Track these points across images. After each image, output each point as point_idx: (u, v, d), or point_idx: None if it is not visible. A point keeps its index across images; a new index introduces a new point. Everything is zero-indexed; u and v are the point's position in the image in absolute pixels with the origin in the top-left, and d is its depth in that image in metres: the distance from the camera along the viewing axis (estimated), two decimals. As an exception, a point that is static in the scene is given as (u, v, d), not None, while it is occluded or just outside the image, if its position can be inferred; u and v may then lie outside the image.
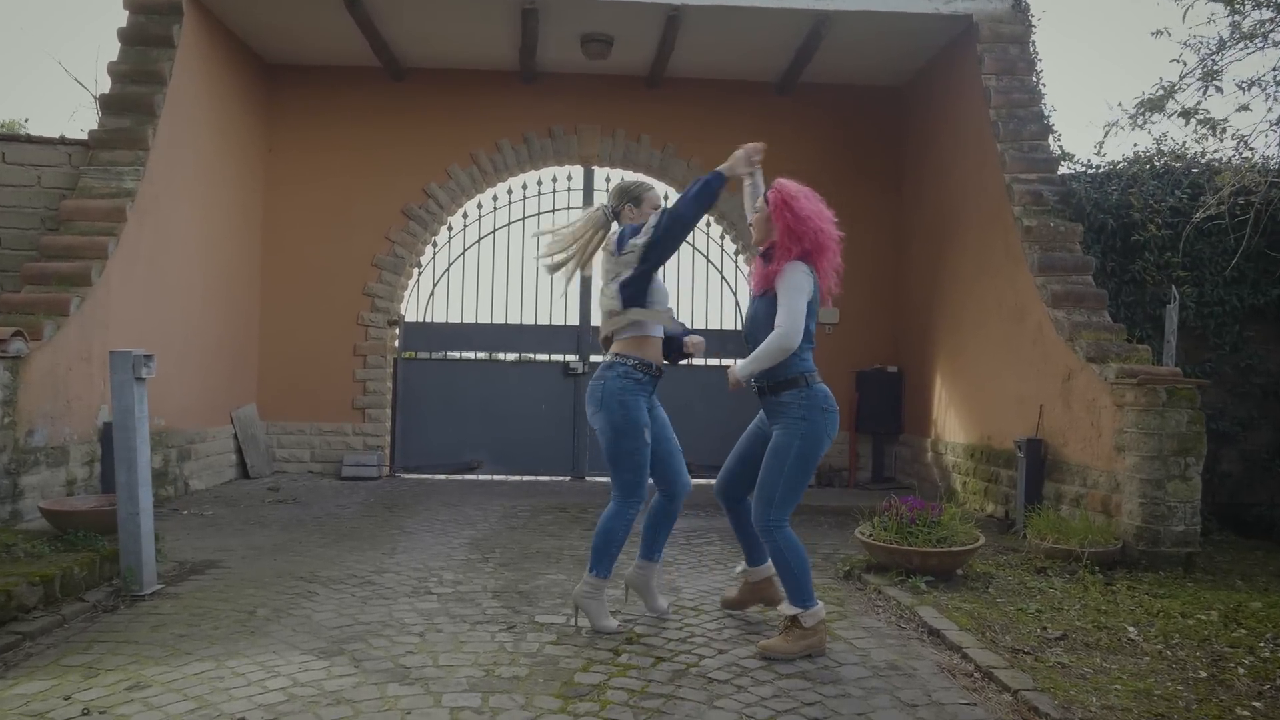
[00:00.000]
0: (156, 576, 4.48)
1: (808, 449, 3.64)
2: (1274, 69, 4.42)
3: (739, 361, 3.71)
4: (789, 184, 3.77)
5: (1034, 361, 6.83)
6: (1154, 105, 4.92)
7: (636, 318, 3.88)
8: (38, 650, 3.52)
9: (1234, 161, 5.10)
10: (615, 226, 4.03)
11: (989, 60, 7.70)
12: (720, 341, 9.17)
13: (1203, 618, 4.38)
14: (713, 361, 9.65)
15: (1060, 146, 7.44)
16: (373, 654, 3.53)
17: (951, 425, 8.32)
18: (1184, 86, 4.67)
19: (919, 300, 9.22)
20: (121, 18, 7.43)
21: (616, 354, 3.90)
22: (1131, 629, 4.15)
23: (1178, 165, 7.20)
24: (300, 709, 2.95)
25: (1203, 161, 7.25)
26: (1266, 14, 4.13)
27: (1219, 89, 4.63)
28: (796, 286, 3.65)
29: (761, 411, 3.90)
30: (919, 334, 9.18)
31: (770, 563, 3.91)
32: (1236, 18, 4.08)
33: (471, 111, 9.60)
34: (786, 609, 3.67)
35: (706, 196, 3.80)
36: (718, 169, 3.85)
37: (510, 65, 9.39)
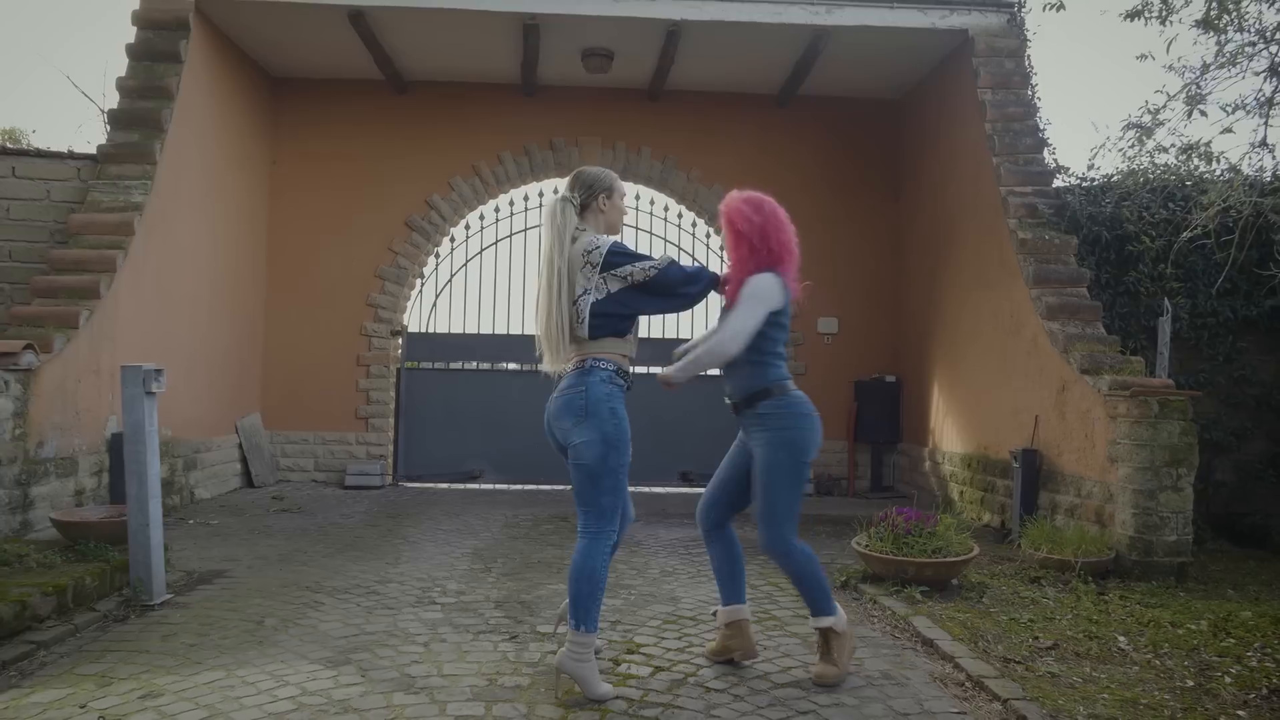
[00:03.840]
0: (165, 586, 4.57)
1: (796, 459, 3.47)
2: (1256, 91, 4.49)
3: (672, 368, 3.56)
4: (743, 195, 3.64)
5: (1029, 373, 6.91)
6: (1142, 129, 5.02)
7: (613, 350, 3.44)
8: (51, 659, 3.61)
9: (1222, 178, 5.20)
10: (576, 220, 3.46)
11: (984, 74, 7.80)
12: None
13: (1192, 627, 4.46)
14: (714, 371, 9.73)
15: (1055, 160, 7.54)
16: (378, 663, 3.62)
17: (949, 435, 8.40)
18: (1169, 111, 4.80)
19: (917, 310, 9.31)
20: (130, 33, 7.56)
21: (594, 356, 3.41)
22: (1122, 638, 4.23)
23: (1171, 179, 7.29)
24: (309, 717, 3.04)
25: (1196, 174, 7.35)
26: (1247, 38, 4.25)
27: (1204, 113, 4.73)
28: (758, 295, 3.48)
29: (741, 432, 3.71)
30: (917, 344, 9.27)
31: (745, 604, 3.73)
32: (1221, 39, 4.18)
33: (473, 124, 9.71)
34: (816, 622, 3.56)
35: (700, 291, 3.50)
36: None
37: (512, 78, 9.51)
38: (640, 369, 9.69)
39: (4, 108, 26.90)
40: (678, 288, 3.43)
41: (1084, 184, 7.43)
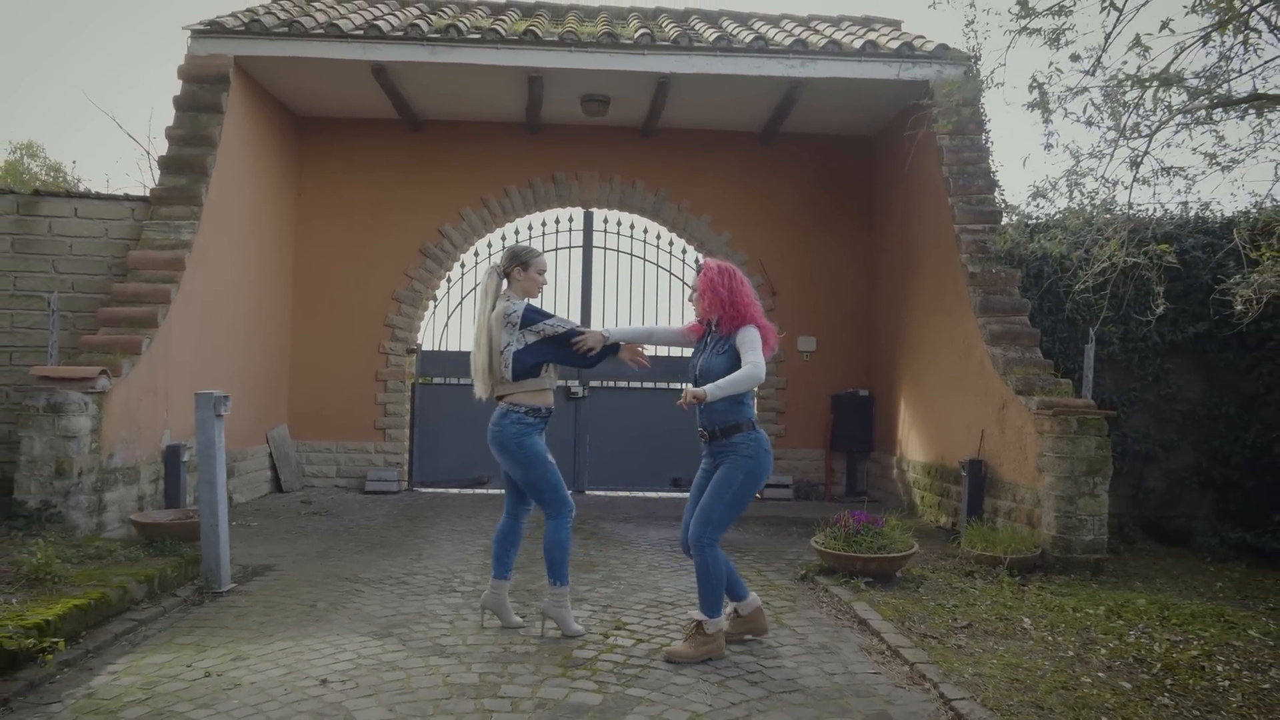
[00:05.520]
0: (230, 577, 5.44)
1: (750, 483, 4.22)
2: (1134, 175, 5.44)
3: (707, 386, 4.08)
4: (722, 265, 4.40)
5: (977, 391, 7.79)
6: (1043, 195, 5.94)
7: (531, 388, 4.42)
8: (151, 634, 4.49)
9: (1104, 236, 6.13)
10: (504, 284, 4.50)
11: (943, 121, 8.66)
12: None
13: (1090, 612, 5.32)
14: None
15: (1004, 200, 8.39)
16: (415, 636, 4.50)
17: (913, 445, 9.27)
18: (1060, 188, 5.75)
19: (886, 331, 10.18)
20: (176, 85, 8.46)
21: (510, 403, 4.42)
22: (1027, 620, 5.10)
23: (1108, 216, 8.16)
24: (367, 673, 3.92)
25: (1131, 212, 8.22)
26: (1110, 135, 5.15)
27: (1081, 192, 5.65)
28: (754, 341, 4.26)
29: (705, 460, 4.42)
30: (886, 361, 10.14)
31: (755, 595, 4.54)
32: (1115, 121, 5.06)
33: (482, 159, 10.59)
34: (695, 614, 4.24)
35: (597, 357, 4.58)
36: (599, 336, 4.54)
37: (517, 118, 10.39)
38: (649, 384, 10.59)
39: (53, 144, 28.42)
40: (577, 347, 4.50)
41: (1029, 221, 8.28)
